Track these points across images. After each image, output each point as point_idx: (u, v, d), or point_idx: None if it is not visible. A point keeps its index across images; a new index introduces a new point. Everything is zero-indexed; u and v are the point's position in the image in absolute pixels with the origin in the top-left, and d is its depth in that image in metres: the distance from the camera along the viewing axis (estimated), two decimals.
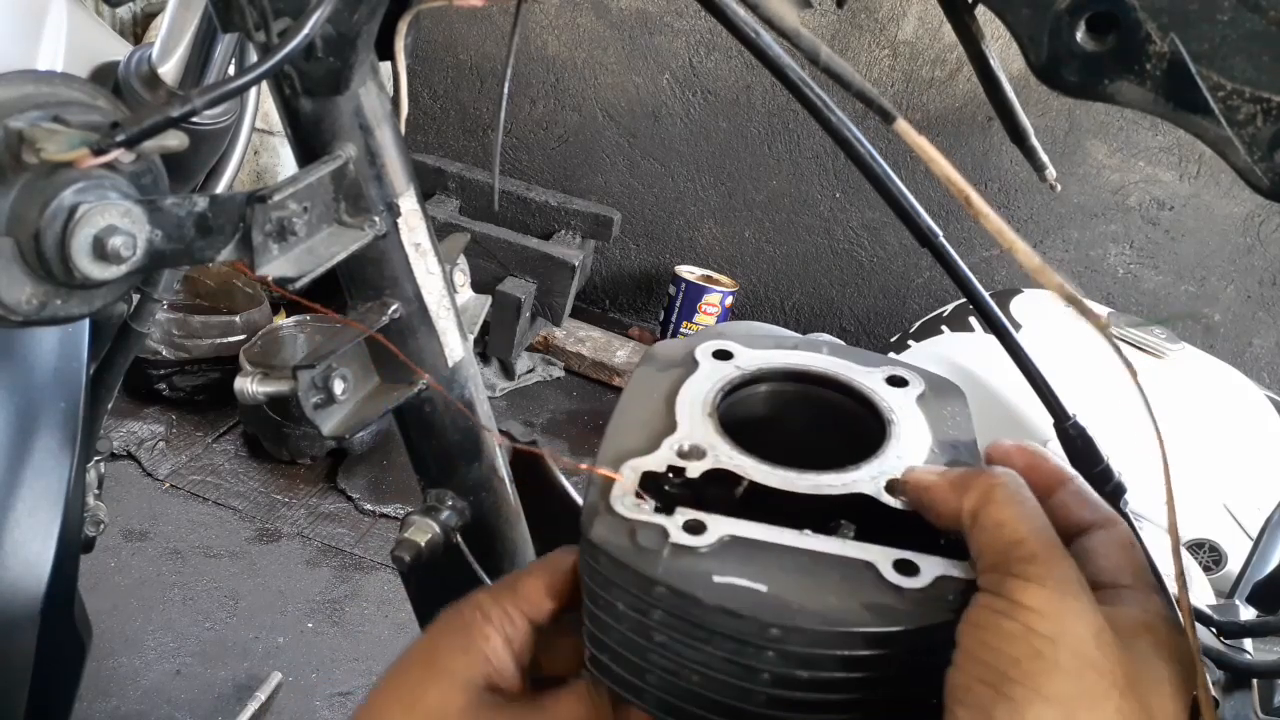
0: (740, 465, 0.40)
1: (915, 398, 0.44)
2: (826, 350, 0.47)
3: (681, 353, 0.47)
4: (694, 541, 0.36)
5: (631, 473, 0.39)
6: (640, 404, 0.44)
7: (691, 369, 0.45)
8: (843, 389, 0.44)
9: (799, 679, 0.35)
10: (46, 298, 0.42)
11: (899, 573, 0.35)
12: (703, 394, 0.44)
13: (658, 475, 0.40)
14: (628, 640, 0.38)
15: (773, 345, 0.47)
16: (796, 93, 0.43)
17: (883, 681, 0.35)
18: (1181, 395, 2.03)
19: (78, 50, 0.67)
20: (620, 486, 0.39)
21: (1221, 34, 0.34)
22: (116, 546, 1.96)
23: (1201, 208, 2.65)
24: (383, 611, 1.96)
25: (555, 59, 2.96)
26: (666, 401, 0.43)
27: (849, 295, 3.00)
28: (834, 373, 0.45)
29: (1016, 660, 0.33)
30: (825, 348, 0.47)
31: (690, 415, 0.42)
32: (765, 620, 0.34)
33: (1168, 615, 0.37)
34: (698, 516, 0.37)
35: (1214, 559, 1.86)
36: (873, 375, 0.45)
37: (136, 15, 2.68)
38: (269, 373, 0.52)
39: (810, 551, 0.36)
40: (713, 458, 0.40)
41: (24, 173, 0.40)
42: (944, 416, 0.43)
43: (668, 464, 0.40)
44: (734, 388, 0.45)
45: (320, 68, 0.46)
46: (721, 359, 0.46)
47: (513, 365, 2.80)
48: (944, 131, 2.74)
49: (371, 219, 0.51)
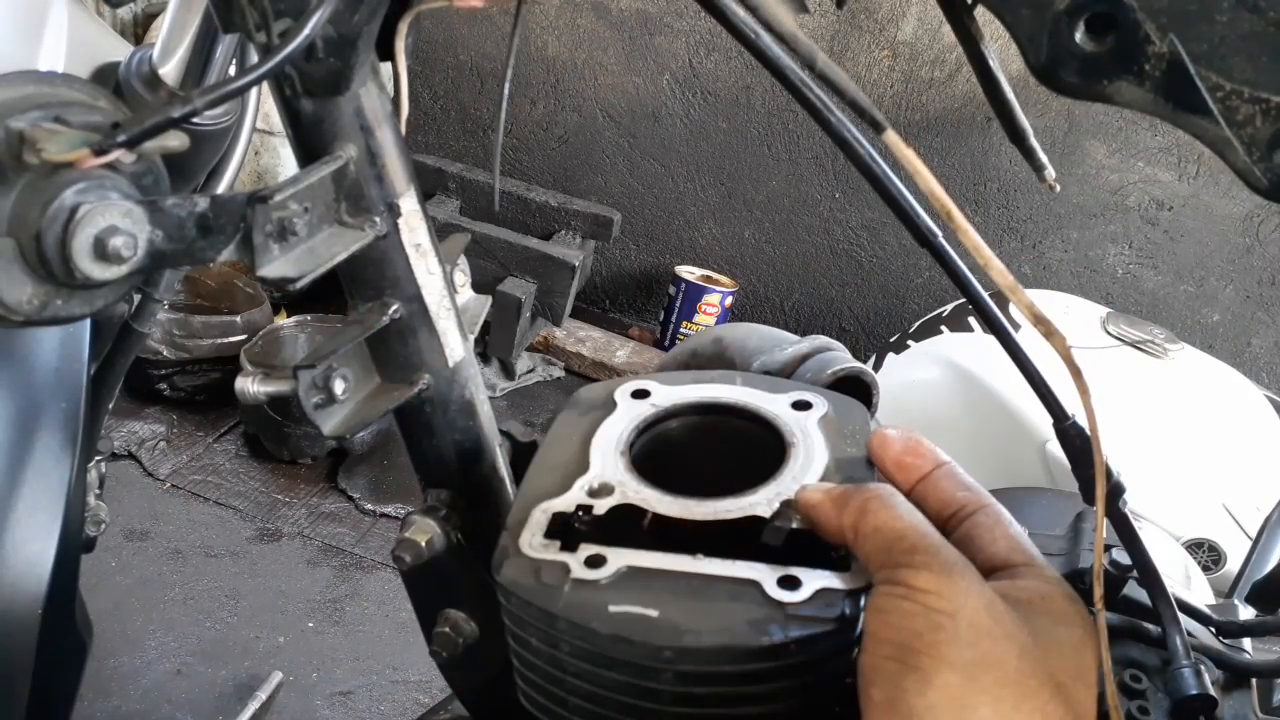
0: (644, 498, 0.42)
1: (818, 419, 0.46)
2: (740, 381, 0.49)
3: (603, 396, 0.49)
4: (594, 575, 0.38)
5: (542, 514, 0.41)
6: (559, 448, 0.46)
7: (610, 410, 0.47)
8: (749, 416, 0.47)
9: (698, 696, 0.37)
10: (47, 298, 0.42)
11: (782, 588, 0.37)
12: (617, 434, 0.46)
13: (567, 515, 0.41)
14: (546, 673, 0.40)
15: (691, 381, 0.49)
16: (796, 94, 0.43)
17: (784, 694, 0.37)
18: (1181, 395, 2.03)
19: (79, 51, 0.67)
20: (528, 529, 0.41)
21: (1220, 34, 0.34)
22: (117, 546, 1.96)
23: (1200, 208, 2.65)
24: (383, 611, 1.96)
25: (555, 59, 2.96)
26: (583, 444, 0.45)
27: (848, 295, 3.00)
28: (740, 401, 0.47)
29: (919, 634, 0.35)
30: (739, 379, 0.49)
31: (603, 455, 0.44)
32: (656, 644, 0.36)
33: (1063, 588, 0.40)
34: (599, 551, 0.39)
35: (1213, 559, 1.86)
36: (778, 401, 0.47)
37: (137, 16, 2.68)
38: (270, 373, 0.52)
39: (701, 575, 0.38)
40: (620, 493, 0.42)
41: (25, 173, 0.40)
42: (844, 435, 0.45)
43: (576, 503, 0.42)
44: (648, 425, 0.47)
45: (321, 68, 0.47)
46: (639, 398, 0.48)
47: (513, 365, 2.80)
48: (944, 132, 2.74)
49: (372, 219, 0.51)
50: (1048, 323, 0.40)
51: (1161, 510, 1.81)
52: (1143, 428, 1.91)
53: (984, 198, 2.78)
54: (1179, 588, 0.58)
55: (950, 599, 0.36)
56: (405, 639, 1.88)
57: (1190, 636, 0.53)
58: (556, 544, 0.40)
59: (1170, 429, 1.94)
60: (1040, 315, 0.40)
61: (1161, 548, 1.26)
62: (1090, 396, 0.41)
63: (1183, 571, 1.31)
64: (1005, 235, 2.80)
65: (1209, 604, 0.62)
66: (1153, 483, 1.83)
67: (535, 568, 0.39)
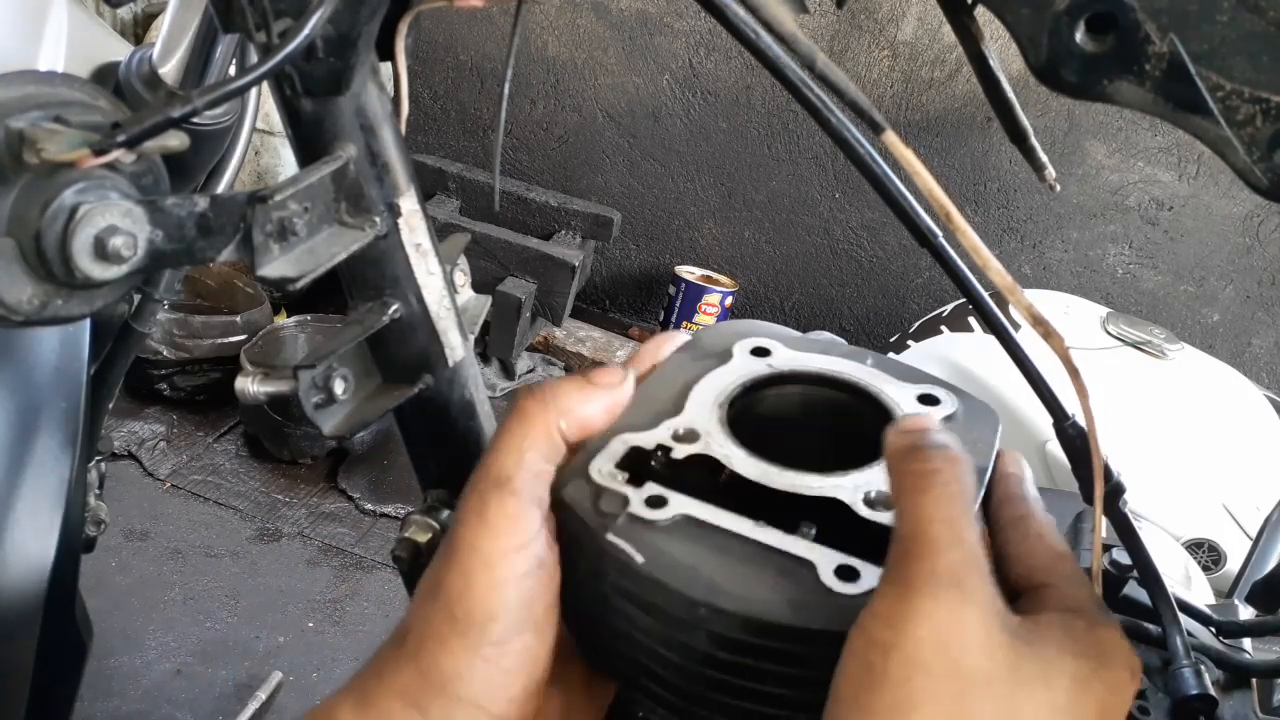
0: (726, 453, 0.40)
1: (942, 418, 0.43)
2: (871, 361, 0.46)
3: (721, 345, 0.47)
4: (651, 514, 0.37)
5: (620, 444, 0.40)
6: (660, 386, 0.44)
7: (724, 361, 0.45)
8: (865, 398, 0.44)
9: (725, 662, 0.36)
10: (47, 298, 0.42)
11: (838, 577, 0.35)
12: (723, 385, 0.44)
13: (645, 452, 0.40)
14: (589, 601, 0.39)
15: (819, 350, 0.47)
16: (796, 94, 0.43)
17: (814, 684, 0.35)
18: (1181, 395, 2.03)
19: (79, 51, 0.67)
20: (603, 455, 0.39)
21: (1221, 34, 0.34)
22: (117, 546, 1.96)
23: (1200, 208, 2.65)
24: (383, 611, 1.96)
25: (555, 60, 2.96)
26: (685, 388, 0.44)
27: (848, 295, 3.00)
28: (861, 381, 0.44)
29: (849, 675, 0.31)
30: (870, 359, 0.46)
31: (700, 403, 0.43)
32: (693, 597, 0.35)
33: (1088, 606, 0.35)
34: (661, 492, 0.38)
35: (1213, 559, 1.86)
36: (906, 390, 0.44)
37: (137, 16, 2.68)
38: (270, 372, 0.52)
39: (758, 543, 0.37)
40: (703, 443, 0.40)
41: (25, 173, 0.40)
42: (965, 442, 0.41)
43: (657, 442, 0.40)
44: (756, 385, 0.45)
45: (321, 68, 0.47)
46: (758, 355, 0.46)
47: (513, 365, 2.80)
48: (944, 132, 2.74)
49: (372, 219, 0.51)
50: (1046, 323, 0.40)
51: (1161, 510, 1.81)
52: (1143, 428, 1.91)
53: (984, 198, 2.78)
54: (1179, 588, 0.58)
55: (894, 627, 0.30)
56: None
57: (1190, 636, 0.53)
58: (625, 476, 0.39)
59: (1170, 429, 1.94)
60: (1038, 316, 0.40)
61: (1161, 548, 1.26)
62: (1088, 397, 0.41)
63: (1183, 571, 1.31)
64: (1005, 235, 2.80)
65: (1209, 604, 0.62)
66: (1153, 483, 1.83)
67: (597, 492, 0.38)
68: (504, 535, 0.36)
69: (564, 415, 0.39)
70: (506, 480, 0.37)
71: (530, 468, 0.38)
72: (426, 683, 0.36)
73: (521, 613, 0.37)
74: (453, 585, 0.37)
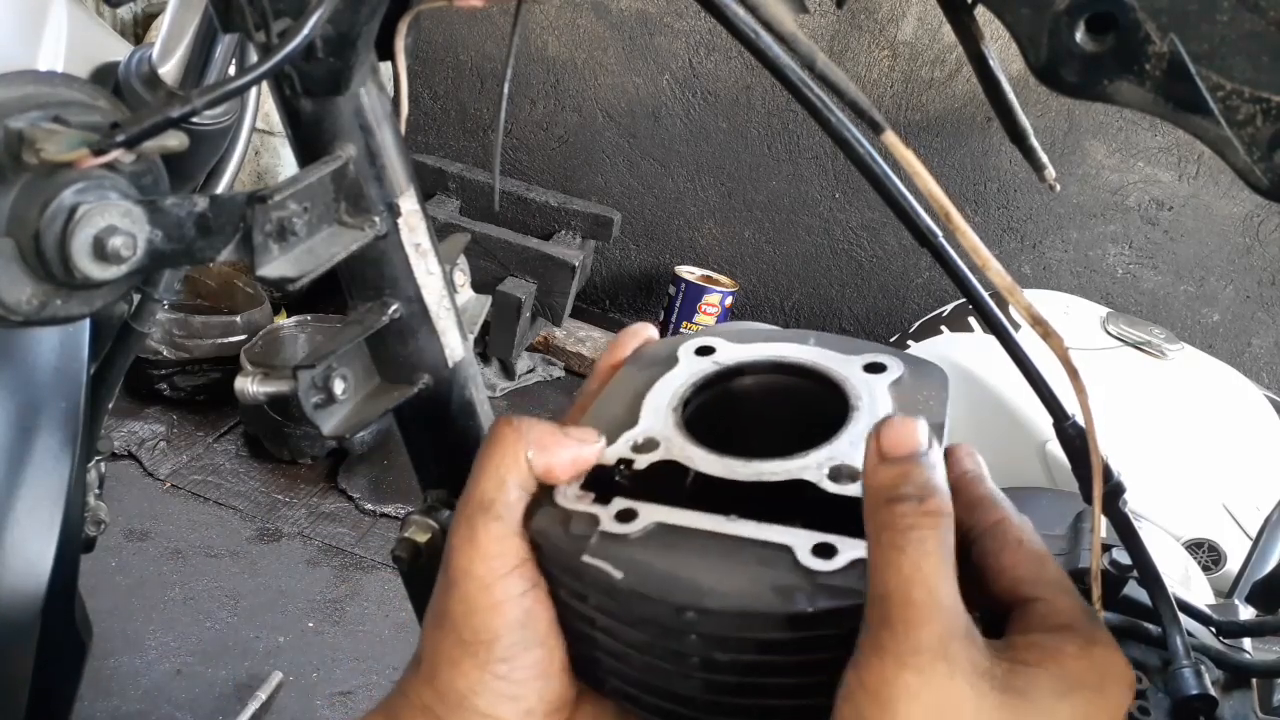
0: (687, 456, 0.40)
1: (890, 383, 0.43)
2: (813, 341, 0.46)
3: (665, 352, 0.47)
4: (623, 529, 0.37)
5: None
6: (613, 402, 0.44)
7: (670, 366, 0.45)
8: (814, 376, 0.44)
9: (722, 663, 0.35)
10: (47, 298, 0.42)
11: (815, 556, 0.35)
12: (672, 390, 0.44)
13: (608, 469, 0.40)
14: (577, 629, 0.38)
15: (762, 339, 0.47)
16: (796, 94, 0.43)
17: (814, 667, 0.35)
18: (1181, 395, 2.03)
19: (78, 51, 0.67)
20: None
21: (1221, 34, 0.34)
22: (117, 546, 1.96)
23: (1200, 208, 2.65)
24: (383, 611, 1.96)
25: (555, 60, 2.96)
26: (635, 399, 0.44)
27: (848, 295, 3.00)
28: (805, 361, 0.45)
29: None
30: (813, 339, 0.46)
31: (653, 410, 0.43)
32: (677, 603, 0.34)
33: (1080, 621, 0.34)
34: (630, 505, 0.38)
35: (1213, 559, 1.86)
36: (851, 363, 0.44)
37: (137, 16, 2.68)
38: (270, 372, 0.52)
39: (733, 536, 0.37)
40: (664, 450, 0.40)
41: (24, 173, 0.40)
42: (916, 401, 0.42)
43: (618, 457, 0.40)
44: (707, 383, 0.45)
45: (320, 68, 0.47)
46: (703, 355, 0.46)
47: (513, 365, 2.80)
48: (944, 132, 2.74)
49: (372, 219, 0.51)
50: (1045, 323, 0.40)
51: (1161, 510, 1.81)
52: (1143, 428, 1.91)
53: (984, 198, 2.78)
54: (1179, 588, 0.58)
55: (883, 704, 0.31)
56: (405, 639, 1.88)
57: (1190, 636, 0.53)
58: (591, 496, 0.39)
59: (1170, 429, 1.94)
60: (1038, 316, 0.40)
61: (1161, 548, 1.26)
62: (1088, 397, 0.41)
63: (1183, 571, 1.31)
64: (1005, 235, 2.80)
65: (1209, 604, 0.62)
66: (1153, 483, 1.83)
67: (566, 518, 0.38)
68: (495, 559, 0.37)
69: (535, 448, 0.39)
70: (490, 505, 0.38)
71: (511, 493, 0.38)
72: (444, 701, 0.38)
73: (524, 630, 0.37)
74: (456, 611, 0.38)
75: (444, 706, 0.38)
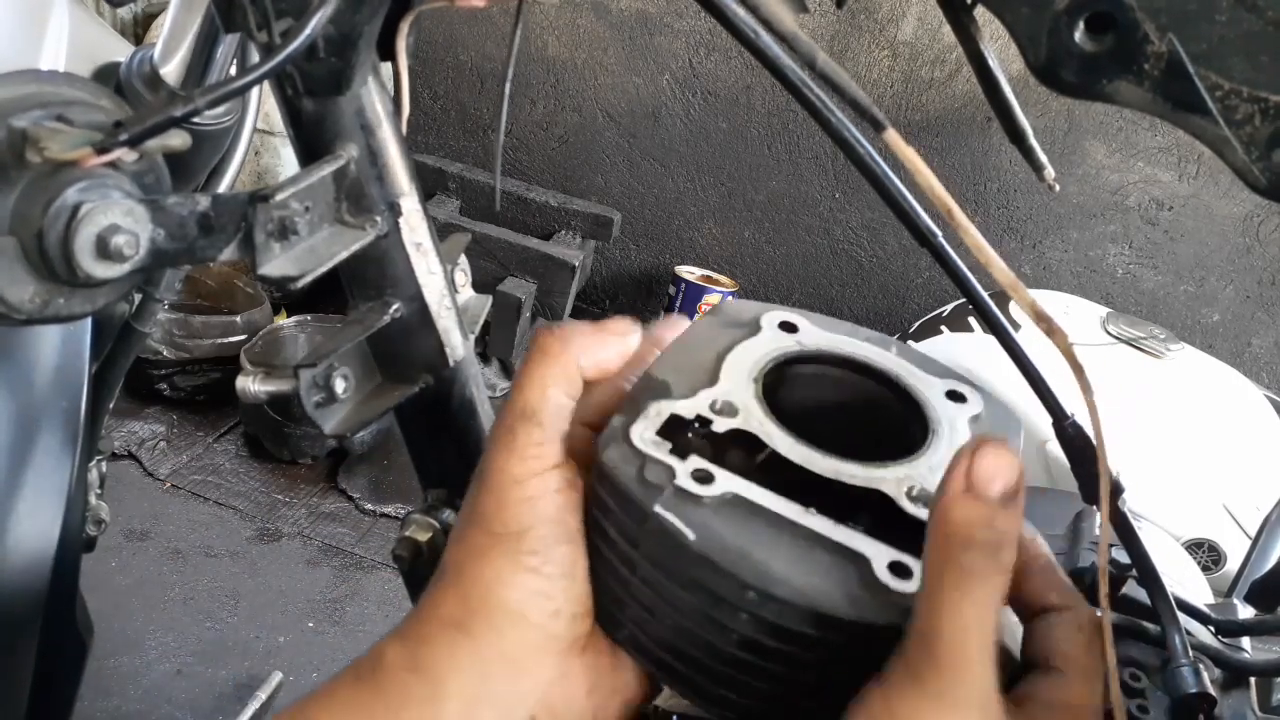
0: (767, 432, 0.39)
1: (969, 417, 0.42)
2: (895, 350, 0.45)
3: (748, 315, 0.46)
4: (698, 489, 0.36)
5: (658, 411, 0.39)
6: (691, 352, 0.43)
7: (753, 332, 0.45)
8: (897, 389, 0.43)
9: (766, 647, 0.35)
10: (49, 296, 0.42)
11: (891, 573, 0.35)
12: (755, 358, 0.43)
13: (684, 421, 0.39)
14: (613, 571, 0.38)
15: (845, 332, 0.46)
16: (796, 94, 0.43)
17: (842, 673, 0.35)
18: (1181, 395, 2.03)
19: (80, 50, 0.67)
20: (643, 421, 0.38)
21: (1219, 34, 0.35)
22: (117, 546, 1.96)
23: (1200, 208, 2.65)
24: (383, 611, 1.96)
25: (555, 60, 2.96)
26: (718, 357, 0.42)
27: (848, 295, 3.00)
28: (893, 372, 0.44)
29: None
30: (894, 346, 0.46)
31: (735, 375, 0.42)
32: (744, 580, 0.34)
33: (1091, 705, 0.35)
34: (708, 467, 0.37)
35: (1213, 558, 1.86)
36: (933, 385, 0.43)
37: (138, 16, 2.68)
38: (270, 372, 0.52)
39: (810, 531, 0.36)
40: (743, 418, 0.40)
41: (27, 172, 0.40)
42: None
43: (696, 413, 0.39)
44: (788, 361, 0.44)
45: (322, 68, 0.47)
46: (786, 330, 0.45)
47: (513, 365, 2.80)
48: (943, 132, 2.74)
49: (373, 219, 0.51)
50: (1049, 320, 0.39)
51: (1161, 510, 1.81)
52: (1142, 428, 1.91)
53: (984, 198, 2.78)
54: (1178, 587, 0.58)
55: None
56: None
57: (1190, 635, 0.53)
58: (667, 445, 0.38)
59: (1170, 429, 1.94)
60: (1042, 313, 0.39)
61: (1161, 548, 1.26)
62: (1093, 395, 0.41)
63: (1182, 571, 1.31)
64: (1005, 235, 2.80)
65: (1209, 603, 0.62)
66: (1153, 483, 1.83)
67: (641, 461, 0.37)
68: (532, 460, 0.37)
69: (583, 353, 0.39)
70: (533, 413, 0.38)
71: (553, 400, 0.38)
72: (467, 601, 0.37)
73: (556, 525, 0.37)
74: (486, 504, 0.37)
75: (467, 609, 0.37)
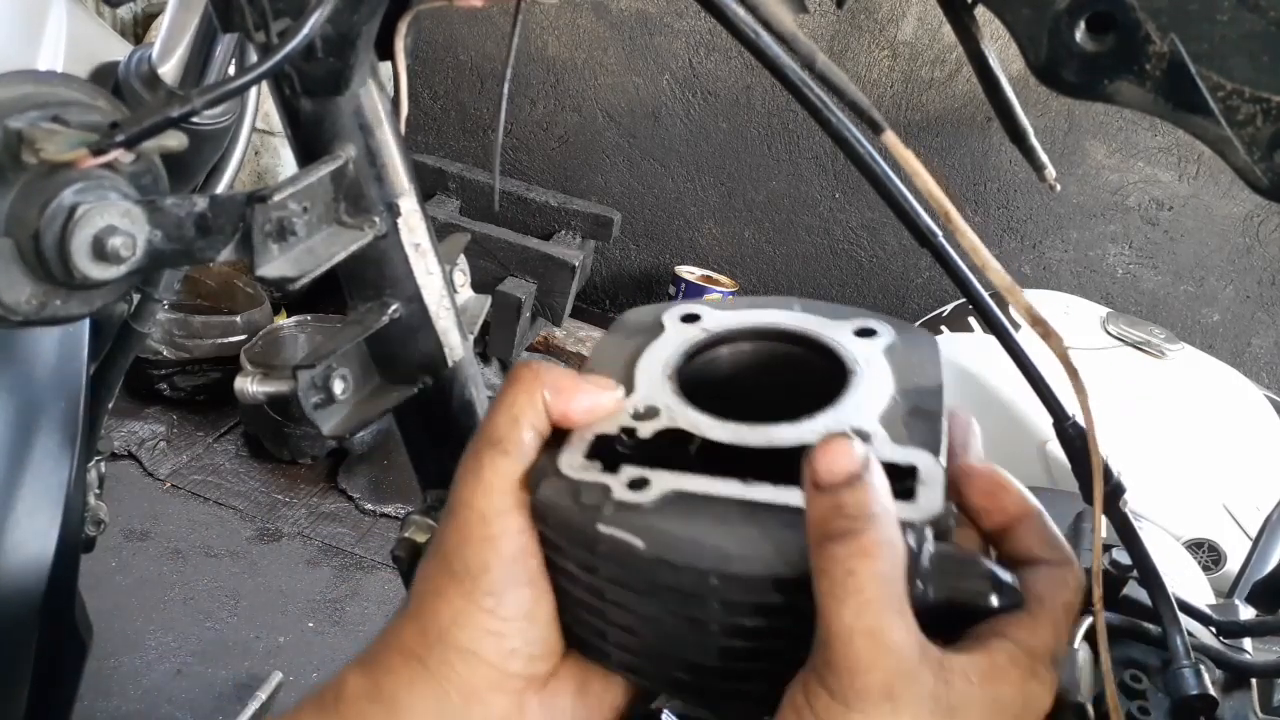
0: (693, 423, 0.39)
1: (883, 348, 0.43)
2: (798, 307, 0.46)
3: (650, 320, 0.46)
4: (637, 498, 0.36)
5: (583, 436, 0.39)
6: (603, 370, 0.43)
7: (658, 333, 0.45)
8: (806, 343, 0.44)
9: (746, 628, 0.35)
10: (46, 298, 0.42)
11: None
12: (664, 357, 0.43)
13: (610, 438, 0.39)
14: (583, 602, 0.38)
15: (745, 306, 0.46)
16: (796, 93, 0.43)
17: None
18: (1181, 395, 2.03)
19: (78, 50, 0.67)
20: (568, 449, 0.39)
21: (1221, 34, 0.34)
22: (117, 546, 1.96)
23: (1200, 208, 2.65)
24: (383, 611, 1.96)
25: (555, 60, 2.96)
26: (627, 366, 0.43)
27: (849, 295, 3.00)
28: (797, 327, 0.44)
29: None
30: (797, 305, 0.46)
31: (649, 378, 0.42)
32: (703, 569, 0.34)
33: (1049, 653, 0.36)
34: (642, 473, 0.37)
35: (1213, 559, 1.86)
36: (841, 328, 0.44)
37: (137, 15, 2.68)
38: (269, 372, 0.52)
39: (752, 502, 0.36)
40: (666, 417, 0.40)
41: (23, 173, 0.40)
42: (910, 365, 0.42)
43: (620, 426, 0.40)
44: (697, 350, 0.44)
45: (320, 68, 0.47)
46: (688, 322, 0.46)
47: (513, 365, 2.79)
48: (943, 132, 2.74)
49: (371, 219, 0.51)
50: (1045, 323, 0.40)
51: (1161, 510, 1.81)
52: (1143, 428, 1.91)
53: (984, 198, 2.78)
54: (1179, 588, 0.58)
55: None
56: None
57: (1190, 636, 0.53)
58: (598, 465, 0.38)
59: (1170, 429, 1.94)
60: (1037, 316, 0.40)
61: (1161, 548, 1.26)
62: (1088, 397, 0.41)
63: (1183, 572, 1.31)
64: (1005, 235, 2.80)
65: (1209, 604, 0.62)
66: (1153, 483, 1.83)
67: (574, 488, 0.37)
68: (497, 494, 0.37)
69: (552, 391, 0.39)
70: (499, 441, 0.38)
71: (523, 431, 0.39)
72: (425, 636, 0.38)
73: (516, 567, 0.37)
74: (449, 541, 0.38)
75: (424, 641, 0.38)
